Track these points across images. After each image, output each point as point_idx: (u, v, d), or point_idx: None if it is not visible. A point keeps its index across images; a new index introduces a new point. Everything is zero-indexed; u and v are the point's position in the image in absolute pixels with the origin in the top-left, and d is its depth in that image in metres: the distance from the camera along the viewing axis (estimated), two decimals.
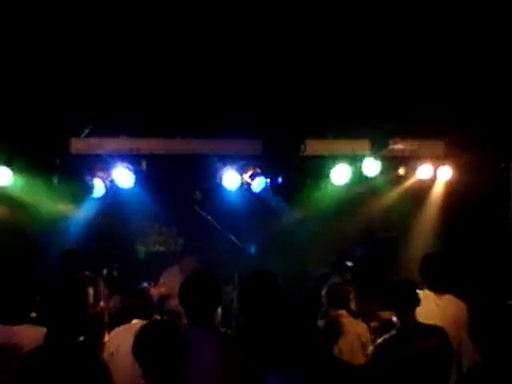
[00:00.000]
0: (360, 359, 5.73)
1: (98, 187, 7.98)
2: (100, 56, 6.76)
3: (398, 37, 6.62)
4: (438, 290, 5.75)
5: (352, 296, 6.66)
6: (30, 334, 4.79)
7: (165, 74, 7.04)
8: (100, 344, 5.61)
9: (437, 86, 7.23)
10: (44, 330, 4.84)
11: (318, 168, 8.12)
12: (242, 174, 8.10)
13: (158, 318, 5.57)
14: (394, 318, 5.17)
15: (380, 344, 5.21)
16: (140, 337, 3.73)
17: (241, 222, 8.74)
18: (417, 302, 5.16)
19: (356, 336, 5.97)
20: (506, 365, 4.27)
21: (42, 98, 7.29)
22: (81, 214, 8.57)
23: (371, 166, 8.00)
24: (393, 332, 5.21)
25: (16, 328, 4.83)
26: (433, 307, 5.63)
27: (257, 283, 4.99)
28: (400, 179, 8.50)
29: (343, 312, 6.11)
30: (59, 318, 4.20)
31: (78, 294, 4.31)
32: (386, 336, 5.28)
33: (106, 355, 5.22)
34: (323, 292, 6.15)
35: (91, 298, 5.80)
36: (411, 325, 5.12)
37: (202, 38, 6.56)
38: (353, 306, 6.61)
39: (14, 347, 4.69)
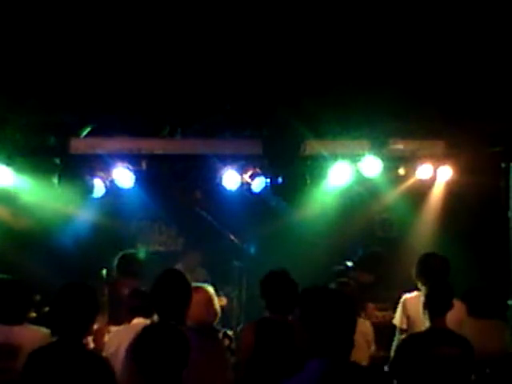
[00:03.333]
0: (364, 358, 5.77)
1: (98, 187, 7.97)
2: (100, 56, 6.77)
3: (398, 36, 6.62)
4: None
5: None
6: (29, 334, 4.80)
7: (165, 74, 7.04)
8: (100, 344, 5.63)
9: (437, 85, 7.23)
10: (43, 330, 4.85)
11: (318, 168, 8.11)
12: (241, 174, 8.09)
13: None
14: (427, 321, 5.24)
15: (405, 339, 5.29)
16: (141, 339, 3.72)
17: (241, 221, 8.74)
18: (449, 306, 5.22)
19: (362, 335, 5.99)
20: None
21: (42, 97, 7.29)
22: (81, 213, 8.58)
23: (371, 166, 8.00)
24: (420, 331, 5.29)
25: (15, 328, 4.84)
26: None
27: (279, 279, 5.17)
28: (400, 179, 8.49)
29: None
30: (69, 320, 4.20)
31: (90, 297, 4.31)
32: (412, 333, 5.39)
33: (105, 355, 5.24)
34: None
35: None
36: (439, 328, 5.17)
37: (201, 38, 6.56)
38: None
39: (13, 347, 4.69)
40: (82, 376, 4.07)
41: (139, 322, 5.38)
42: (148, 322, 5.31)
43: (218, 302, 7.38)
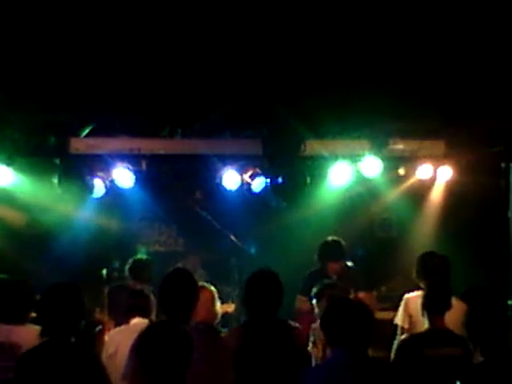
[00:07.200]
0: None
1: (98, 187, 7.97)
2: (100, 56, 6.76)
3: (398, 36, 6.62)
4: None
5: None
6: (30, 334, 4.79)
7: (165, 74, 7.04)
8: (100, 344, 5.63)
9: (436, 85, 7.23)
10: None
11: (318, 168, 8.12)
12: (242, 174, 8.10)
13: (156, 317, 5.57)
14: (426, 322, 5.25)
15: (405, 339, 5.31)
16: (145, 338, 3.71)
17: (241, 221, 8.75)
18: (447, 305, 5.21)
19: None
20: (506, 363, 4.29)
21: (42, 97, 7.29)
22: (81, 213, 8.58)
23: (371, 166, 8.00)
24: (420, 331, 5.30)
25: (16, 327, 4.85)
26: None
27: (261, 281, 5.07)
28: (400, 179, 8.50)
29: None
30: (57, 320, 4.25)
31: (76, 297, 4.34)
32: (412, 333, 5.40)
33: (105, 355, 5.24)
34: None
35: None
36: (439, 328, 5.16)
37: (201, 38, 6.56)
38: None
39: (13, 346, 4.70)
40: (72, 375, 4.10)
41: (138, 321, 5.39)
42: (146, 321, 5.31)
43: (227, 308, 7.43)
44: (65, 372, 4.12)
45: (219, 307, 5.70)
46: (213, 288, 5.70)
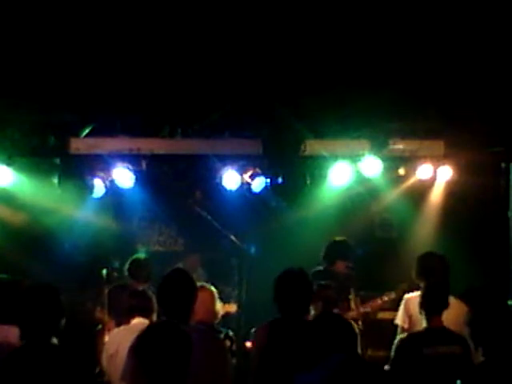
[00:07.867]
0: None
1: (98, 187, 7.98)
2: (100, 56, 6.77)
3: (398, 36, 6.62)
4: None
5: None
6: None
7: (165, 74, 7.05)
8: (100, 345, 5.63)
9: (437, 85, 7.24)
10: None
11: (318, 168, 8.12)
12: (242, 174, 8.10)
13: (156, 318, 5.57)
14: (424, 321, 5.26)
15: (403, 338, 5.31)
16: (145, 337, 3.71)
17: (241, 221, 8.74)
18: (445, 305, 5.21)
19: None
20: (508, 364, 4.29)
21: (42, 97, 7.30)
22: (81, 214, 8.58)
23: (371, 166, 8.00)
24: (418, 330, 5.30)
25: (14, 327, 4.84)
26: None
27: (292, 280, 5.05)
28: (400, 179, 8.49)
29: None
30: (34, 323, 4.25)
31: (53, 299, 4.32)
32: (410, 332, 5.40)
33: (106, 355, 5.25)
34: None
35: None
36: (437, 327, 5.16)
37: (201, 38, 6.56)
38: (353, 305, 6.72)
39: (11, 346, 4.69)
40: (51, 377, 4.10)
41: (139, 322, 5.39)
42: (147, 322, 5.32)
43: (228, 308, 7.44)
44: (44, 374, 4.10)
45: (219, 307, 5.71)
46: (213, 288, 5.70)
